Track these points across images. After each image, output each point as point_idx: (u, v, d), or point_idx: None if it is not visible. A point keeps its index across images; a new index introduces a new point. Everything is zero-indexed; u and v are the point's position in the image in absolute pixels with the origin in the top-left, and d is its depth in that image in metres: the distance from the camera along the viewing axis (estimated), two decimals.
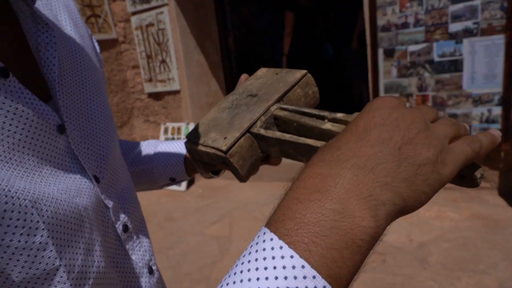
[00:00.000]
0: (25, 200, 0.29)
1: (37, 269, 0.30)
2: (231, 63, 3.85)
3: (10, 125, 0.32)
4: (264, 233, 0.23)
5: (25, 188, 0.30)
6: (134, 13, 3.52)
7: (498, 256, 1.82)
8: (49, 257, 0.31)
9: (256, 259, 0.22)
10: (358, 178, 0.23)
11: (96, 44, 0.57)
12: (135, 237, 0.49)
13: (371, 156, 0.24)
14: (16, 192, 0.29)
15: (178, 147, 0.67)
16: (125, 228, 0.46)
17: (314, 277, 0.21)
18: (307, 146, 0.35)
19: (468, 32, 2.29)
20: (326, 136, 0.36)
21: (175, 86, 3.51)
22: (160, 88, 3.64)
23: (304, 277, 0.21)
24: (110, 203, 0.44)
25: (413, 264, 1.86)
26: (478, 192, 2.50)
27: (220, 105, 0.48)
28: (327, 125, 0.34)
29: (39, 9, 0.43)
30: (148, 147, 0.69)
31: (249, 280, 0.22)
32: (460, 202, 2.43)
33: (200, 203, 3.06)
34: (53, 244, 0.31)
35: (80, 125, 0.43)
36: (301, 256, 0.21)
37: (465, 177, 0.29)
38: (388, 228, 0.25)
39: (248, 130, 0.41)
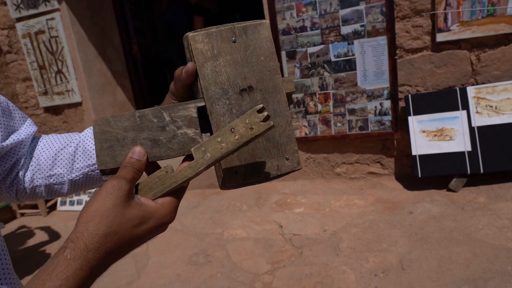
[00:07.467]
0: None
1: None
2: (138, 70, 3.68)
3: None
4: None
5: None
6: (19, 19, 3.15)
7: (398, 234, 2.01)
8: None
9: None
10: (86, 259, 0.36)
11: None
12: None
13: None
14: None
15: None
16: None
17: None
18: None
19: (357, 34, 2.52)
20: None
21: (75, 98, 3.22)
22: (58, 101, 3.31)
23: None
24: None
25: (327, 252, 1.96)
26: (379, 178, 2.75)
27: None
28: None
29: None
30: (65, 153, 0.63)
31: None
32: (366, 189, 2.65)
33: None
34: None
35: None
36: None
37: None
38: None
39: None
